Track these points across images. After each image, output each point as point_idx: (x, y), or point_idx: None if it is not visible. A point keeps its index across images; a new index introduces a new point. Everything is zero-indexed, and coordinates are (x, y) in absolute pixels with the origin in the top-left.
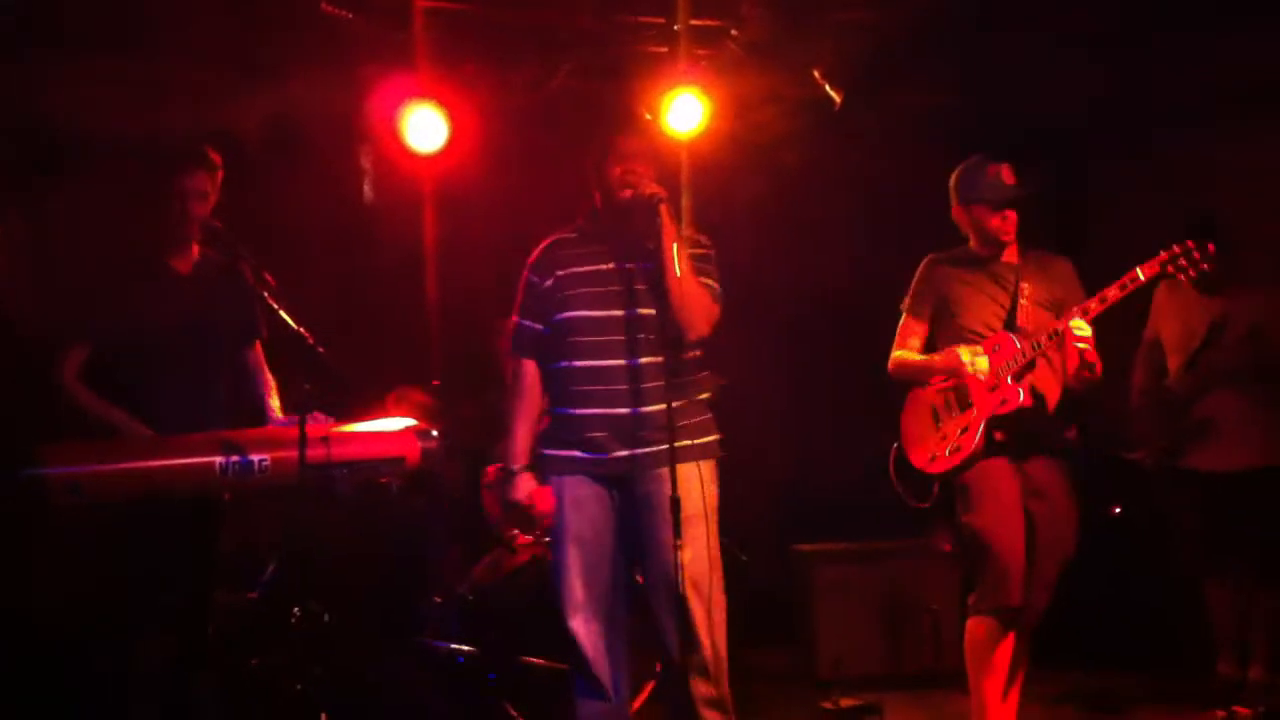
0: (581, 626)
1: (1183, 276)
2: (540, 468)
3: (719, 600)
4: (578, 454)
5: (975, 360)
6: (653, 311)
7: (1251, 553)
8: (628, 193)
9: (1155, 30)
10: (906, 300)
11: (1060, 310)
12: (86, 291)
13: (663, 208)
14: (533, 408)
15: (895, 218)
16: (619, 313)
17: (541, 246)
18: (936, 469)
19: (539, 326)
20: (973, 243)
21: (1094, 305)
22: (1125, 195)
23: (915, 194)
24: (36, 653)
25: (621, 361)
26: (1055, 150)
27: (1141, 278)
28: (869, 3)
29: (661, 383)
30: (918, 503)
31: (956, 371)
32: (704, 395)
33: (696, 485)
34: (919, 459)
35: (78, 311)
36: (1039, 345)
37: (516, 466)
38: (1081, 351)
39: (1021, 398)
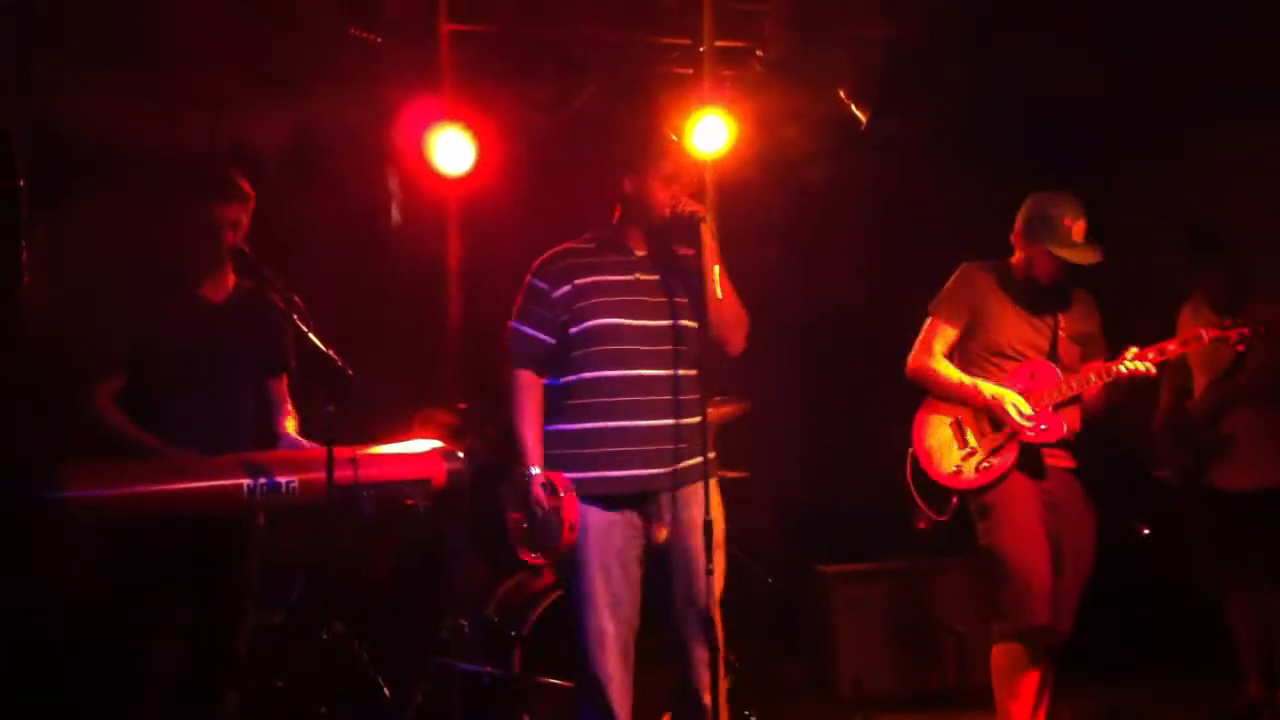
0: (610, 671)
1: (1235, 336)
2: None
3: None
4: (604, 474)
5: (1021, 408)
6: (688, 324)
7: (1274, 571)
8: (669, 211)
9: (1158, 30)
10: (937, 303)
11: (1089, 345)
12: (118, 318)
13: (704, 226)
14: (539, 414)
15: (920, 236)
16: (658, 322)
17: (550, 254)
18: (960, 484)
19: (545, 337)
20: (1017, 264)
21: (1154, 357)
22: (1131, 197)
23: (940, 212)
24: (42, 655)
25: (660, 371)
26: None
27: (1205, 339)
28: (890, 18)
29: (695, 396)
30: (936, 516)
31: (999, 414)
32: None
33: (716, 498)
34: (939, 472)
35: (112, 342)
36: (1089, 380)
37: (536, 469)
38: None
39: (1065, 430)
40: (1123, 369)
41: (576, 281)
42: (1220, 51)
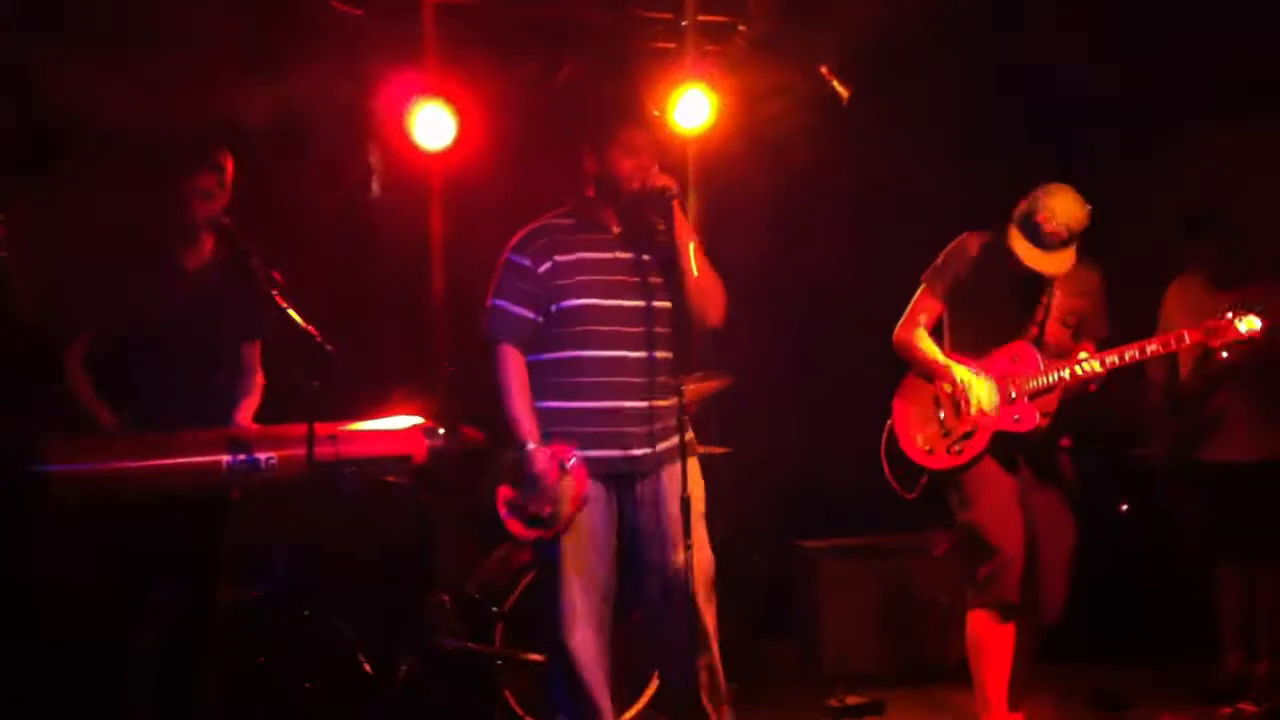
0: (580, 643)
1: (1218, 344)
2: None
3: (713, 600)
4: (581, 452)
5: (984, 402)
6: (663, 304)
7: (1261, 546)
8: (636, 185)
9: (1160, 27)
10: (929, 272)
11: (1081, 327)
12: (93, 282)
13: (676, 202)
14: (527, 389)
15: (903, 213)
16: (635, 303)
17: (529, 229)
18: (932, 464)
19: (528, 313)
20: (1010, 248)
21: (1131, 356)
22: (1129, 188)
23: (924, 190)
24: (30, 642)
25: (637, 354)
26: (1061, 142)
27: (1187, 341)
28: None
29: (671, 378)
30: (905, 493)
31: (962, 400)
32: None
33: (699, 481)
34: (913, 448)
35: (85, 300)
36: (1060, 375)
37: (531, 443)
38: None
39: (1036, 420)
40: (1090, 368)
41: (557, 258)
42: (1225, 46)
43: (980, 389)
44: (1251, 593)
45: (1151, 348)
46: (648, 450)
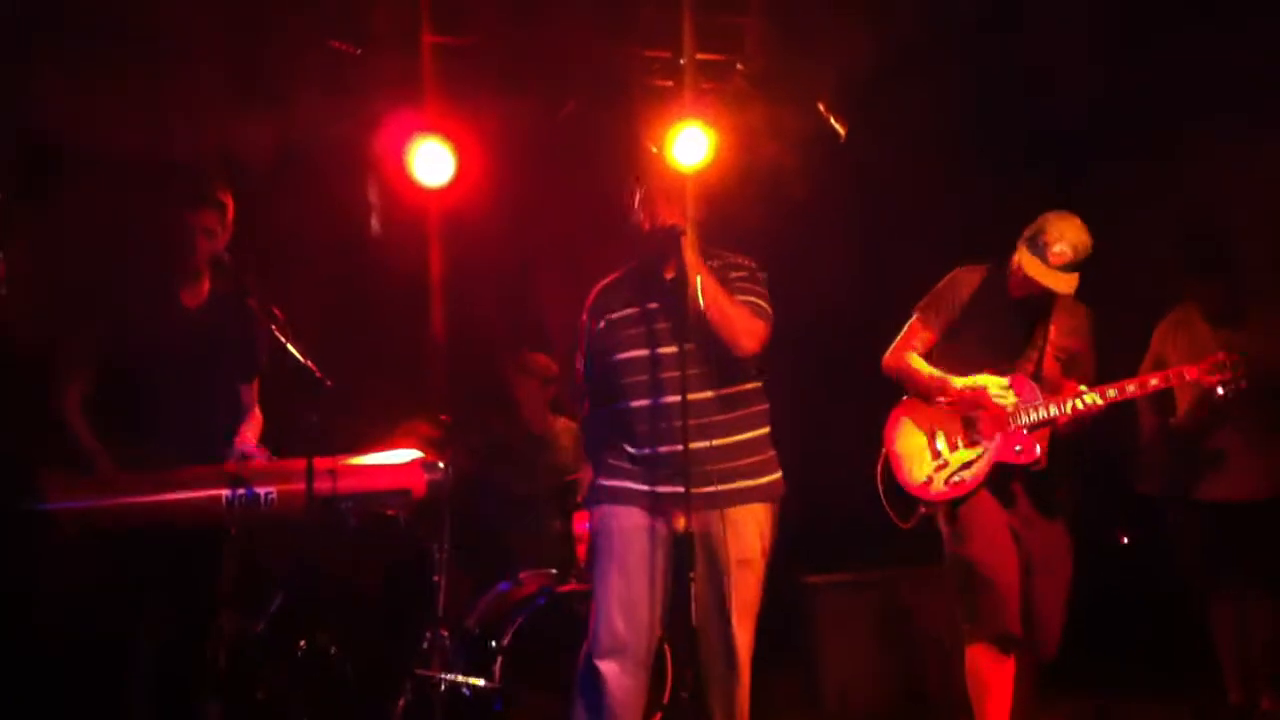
0: (613, 668)
1: (1216, 380)
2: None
3: (751, 647)
4: (631, 485)
5: (1006, 393)
6: (689, 346)
7: (1259, 582)
8: (646, 227)
9: (1159, 30)
10: (922, 304)
11: (1071, 364)
12: (92, 319)
13: (684, 239)
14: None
15: (901, 247)
16: (662, 350)
17: (596, 290)
18: (929, 496)
19: (593, 372)
20: (1013, 272)
21: (1133, 390)
22: (1128, 199)
23: (922, 223)
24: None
25: (668, 400)
26: (1057, 152)
27: (1187, 377)
28: (874, 29)
29: (719, 418)
30: (901, 522)
31: (979, 401)
32: (762, 430)
33: (752, 528)
34: (910, 479)
35: (82, 339)
36: (1066, 408)
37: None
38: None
39: (1038, 453)
40: (1091, 401)
41: (610, 317)
42: (1225, 51)
43: (993, 382)
44: (1247, 627)
45: (1153, 382)
46: (678, 490)
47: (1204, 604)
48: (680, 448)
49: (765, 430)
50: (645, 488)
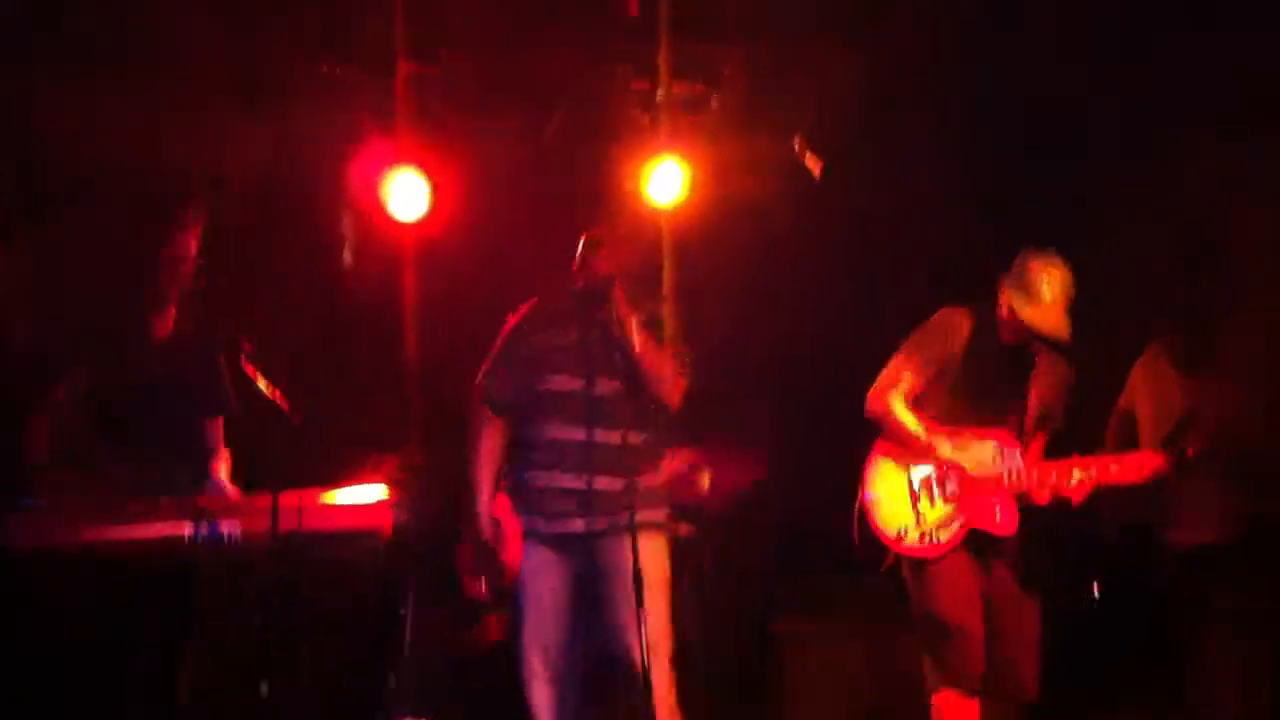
0: (542, 698)
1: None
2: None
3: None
4: (538, 523)
5: (993, 463)
6: (616, 385)
7: (1226, 624)
8: (579, 284)
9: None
10: (907, 346)
11: (1045, 419)
12: (62, 351)
13: (616, 291)
14: (495, 464)
15: (881, 284)
16: (582, 385)
17: (520, 313)
18: (901, 549)
19: (509, 392)
20: (1003, 317)
21: (1117, 476)
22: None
23: (902, 258)
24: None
25: (584, 435)
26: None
27: (1164, 472)
28: (854, 58)
29: (622, 456)
30: (876, 568)
31: (961, 471)
32: (661, 474)
33: (656, 556)
34: (884, 529)
35: (53, 369)
36: (1046, 483)
37: (480, 505)
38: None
39: (1015, 524)
40: (1080, 479)
41: (532, 340)
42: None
43: (975, 452)
44: (1220, 669)
45: (1143, 476)
46: (588, 524)
47: (1177, 646)
48: (578, 482)
49: (662, 474)
50: (548, 523)
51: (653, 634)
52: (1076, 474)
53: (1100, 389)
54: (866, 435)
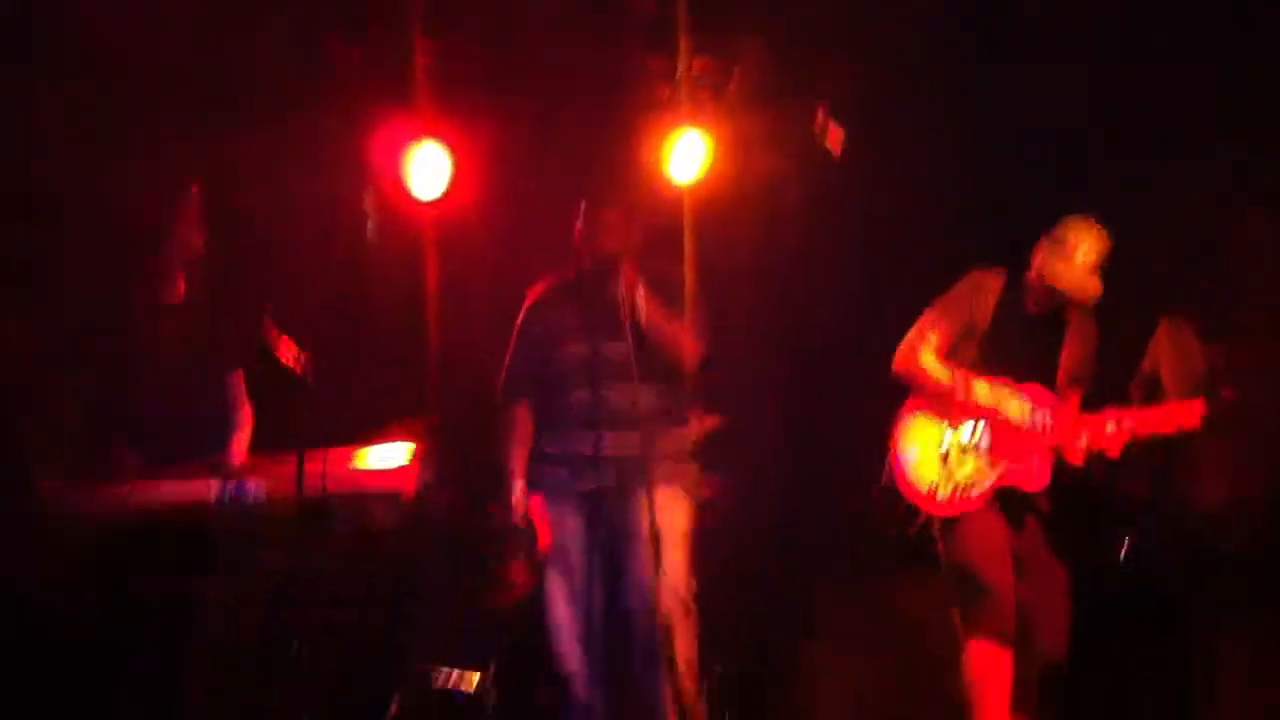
0: (574, 657)
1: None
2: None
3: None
4: (564, 475)
5: (1030, 416)
6: (624, 349)
7: (1236, 588)
8: (589, 256)
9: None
10: (938, 304)
11: (1078, 384)
12: (71, 329)
13: (624, 265)
14: (526, 446)
15: (900, 258)
16: (589, 351)
17: (535, 292)
18: (933, 509)
19: (528, 370)
20: (1032, 283)
21: (1146, 425)
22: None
23: (921, 233)
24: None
25: (590, 396)
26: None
27: (1188, 425)
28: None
29: (634, 416)
30: (901, 530)
31: (1005, 418)
32: (688, 440)
33: (674, 513)
34: (913, 488)
35: (67, 349)
36: (1076, 439)
37: (514, 489)
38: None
39: (1046, 481)
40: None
41: (548, 315)
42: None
43: (1013, 401)
44: (1232, 636)
45: (1169, 430)
46: (605, 483)
47: (1188, 611)
48: (619, 449)
49: (689, 441)
50: (574, 479)
51: (671, 590)
52: (1110, 425)
53: (1124, 355)
54: (884, 401)
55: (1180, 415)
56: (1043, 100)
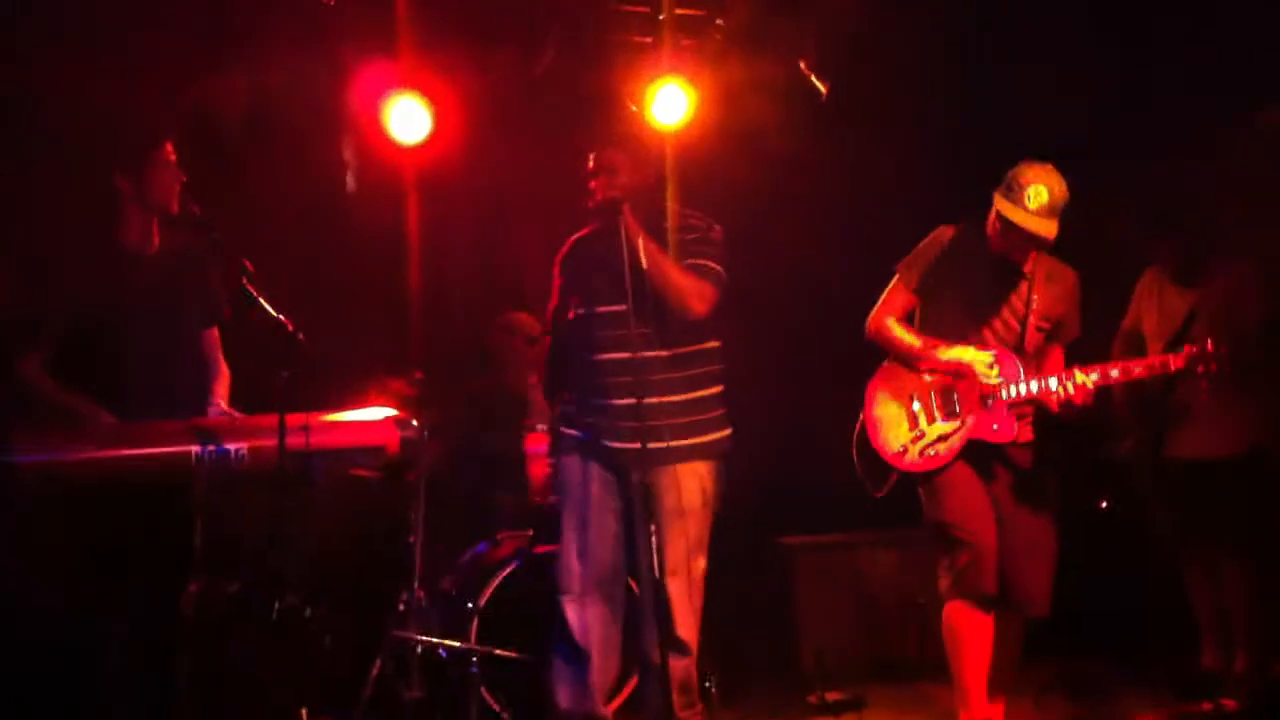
0: (573, 607)
1: (1203, 371)
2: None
3: (695, 596)
4: (586, 436)
5: (990, 371)
6: (620, 308)
7: (1229, 539)
8: (591, 204)
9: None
10: (903, 264)
11: (1057, 331)
12: (46, 281)
13: (625, 208)
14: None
15: (884, 207)
16: (611, 309)
17: (568, 243)
18: (904, 466)
19: (551, 320)
20: (991, 228)
21: (1116, 376)
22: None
23: (905, 182)
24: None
25: (614, 356)
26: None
27: (1171, 367)
28: None
29: (654, 377)
30: (874, 491)
31: (962, 374)
32: (710, 390)
33: (693, 482)
34: (886, 448)
35: (38, 304)
36: (1045, 388)
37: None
38: (1074, 397)
39: (1014, 431)
40: (1081, 382)
41: (572, 269)
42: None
43: (979, 357)
44: (1222, 587)
45: (1138, 370)
46: (625, 445)
47: (1178, 566)
48: (622, 402)
49: (714, 390)
50: (594, 438)
51: (672, 555)
52: (1080, 376)
53: (1104, 315)
54: (867, 355)
55: (1163, 361)
56: (1035, 53)
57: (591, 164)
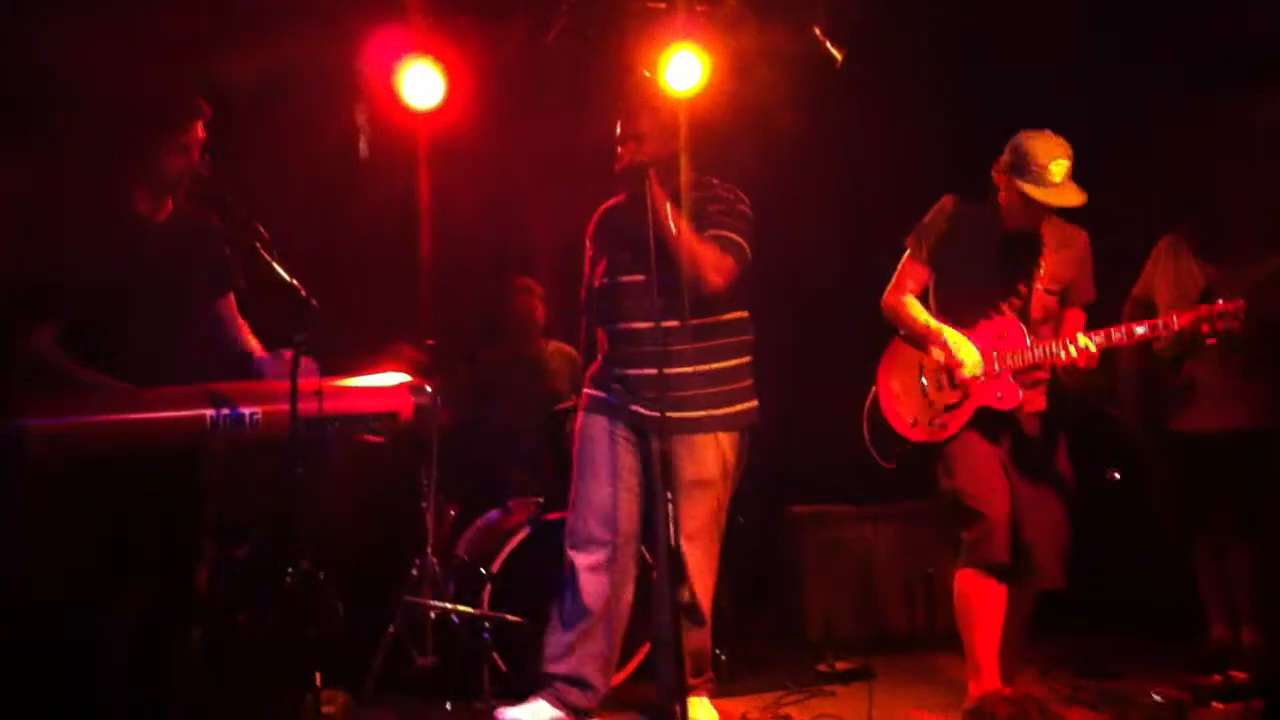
0: (582, 558)
1: (1207, 330)
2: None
3: (711, 566)
4: (605, 397)
5: (977, 367)
6: (640, 278)
7: (1233, 514)
8: (618, 167)
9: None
10: (912, 237)
11: (1067, 295)
12: (59, 252)
13: (651, 173)
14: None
15: (895, 178)
16: (633, 278)
17: (598, 213)
18: (915, 436)
19: (584, 287)
20: (999, 204)
21: (1118, 338)
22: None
23: (916, 154)
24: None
25: (635, 325)
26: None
27: (1175, 325)
28: None
29: (675, 347)
30: (883, 461)
31: (955, 371)
32: (736, 360)
33: (712, 452)
34: (897, 419)
35: (49, 282)
36: (1047, 353)
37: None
38: (1077, 360)
39: (1019, 398)
40: (1084, 345)
41: (599, 239)
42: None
43: (969, 353)
44: (1226, 560)
45: (1140, 330)
46: (648, 412)
47: (1184, 540)
48: (645, 372)
49: (740, 360)
50: (616, 403)
51: (689, 523)
52: (1082, 339)
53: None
54: (877, 326)
55: (1164, 323)
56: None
57: (619, 130)
